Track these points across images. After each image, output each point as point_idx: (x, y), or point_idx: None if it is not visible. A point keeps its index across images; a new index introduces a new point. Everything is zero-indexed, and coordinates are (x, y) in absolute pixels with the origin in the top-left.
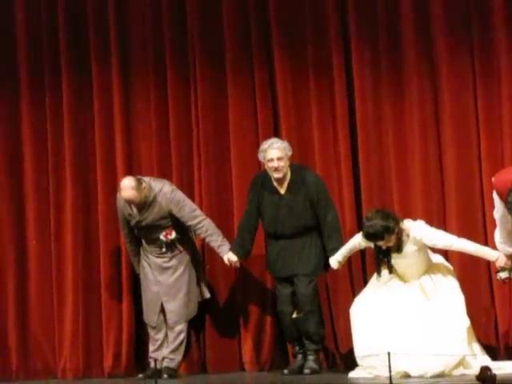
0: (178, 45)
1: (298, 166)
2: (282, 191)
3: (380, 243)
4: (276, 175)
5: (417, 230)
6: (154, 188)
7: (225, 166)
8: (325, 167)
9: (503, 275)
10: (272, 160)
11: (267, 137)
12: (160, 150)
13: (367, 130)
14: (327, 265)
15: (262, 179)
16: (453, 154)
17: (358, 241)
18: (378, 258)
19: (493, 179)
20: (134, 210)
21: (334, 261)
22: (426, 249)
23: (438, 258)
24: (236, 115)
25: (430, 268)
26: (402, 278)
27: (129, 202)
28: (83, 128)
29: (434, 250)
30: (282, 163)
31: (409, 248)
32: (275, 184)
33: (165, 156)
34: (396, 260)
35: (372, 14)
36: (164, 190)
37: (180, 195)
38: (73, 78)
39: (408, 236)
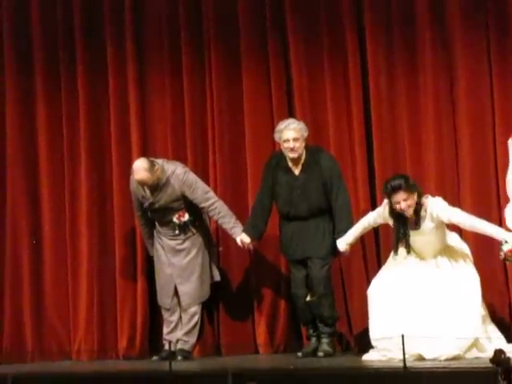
0: (193, 28)
1: (315, 147)
2: (297, 172)
3: (400, 198)
4: (291, 155)
5: (434, 206)
6: (167, 170)
7: (239, 150)
8: (339, 151)
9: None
10: (288, 141)
11: (282, 120)
12: (175, 133)
13: (381, 115)
14: None
15: (277, 160)
16: (468, 138)
17: (373, 217)
18: (398, 236)
19: (510, 140)
20: (147, 192)
21: (343, 243)
22: (443, 227)
23: (454, 238)
24: (251, 99)
25: (447, 249)
26: (419, 256)
27: (141, 183)
28: (98, 115)
29: (450, 228)
30: (297, 144)
31: (426, 225)
32: (290, 164)
33: (180, 140)
34: (413, 237)
35: (388, 19)
36: (177, 172)
37: (193, 177)
38: (88, 66)
39: (426, 212)
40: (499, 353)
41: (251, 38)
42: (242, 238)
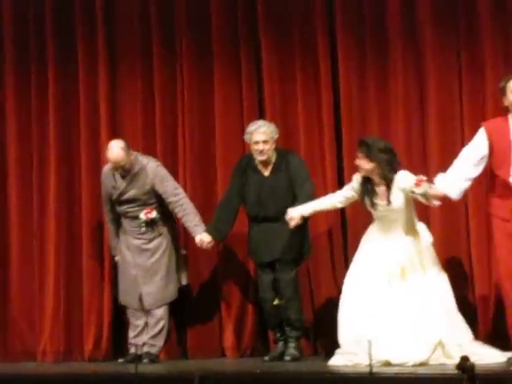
0: (165, 29)
1: (284, 150)
2: (266, 173)
3: (357, 155)
4: (260, 157)
5: (400, 178)
6: (141, 161)
7: (209, 152)
8: (309, 156)
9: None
10: (257, 143)
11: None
12: (145, 134)
13: (352, 121)
14: (309, 251)
15: (246, 161)
16: (437, 144)
17: (343, 192)
18: (363, 192)
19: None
20: (119, 181)
21: (297, 211)
22: (411, 206)
23: (421, 227)
24: (221, 101)
25: (415, 236)
26: (387, 232)
27: (115, 163)
28: (68, 115)
29: (418, 218)
30: (267, 146)
31: (395, 199)
32: (259, 166)
33: (149, 141)
34: (383, 213)
35: (358, 6)
36: (150, 165)
37: (164, 171)
38: (59, 65)
39: (394, 185)
40: (465, 359)
41: (223, 41)
42: (202, 237)
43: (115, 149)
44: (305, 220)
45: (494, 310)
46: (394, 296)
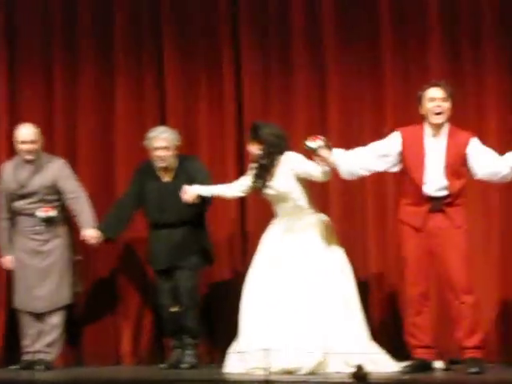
0: (67, 29)
1: (186, 156)
2: (167, 179)
3: (253, 136)
4: (160, 164)
5: (290, 159)
6: (47, 157)
7: (109, 155)
8: (212, 162)
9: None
10: (157, 149)
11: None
12: (45, 136)
13: None
14: (210, 258)
15: (146, 167)
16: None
17: (243, 181)
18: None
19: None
20: (22, 172)
21: (196, 190)
22: (306, 191)
23: (323, 217)
24: (122, 102)
25: (316, 228)
26: (283, 220)
27: (28, 141)
28: None
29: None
30: (168, 153)
31: (285, 181)
32: (160, 172)
33: (49, 143)
34: (275, 198)
35: (263, 25)
36: (56, 161)
37: (70, 170)
38: None
39: (279, 166)
40: (359, 368)
41: (127, 42)
42: (90, 232)
43: (26, 128)
44: (204, 226)
45: (391, 314)
46: (292, 296)
